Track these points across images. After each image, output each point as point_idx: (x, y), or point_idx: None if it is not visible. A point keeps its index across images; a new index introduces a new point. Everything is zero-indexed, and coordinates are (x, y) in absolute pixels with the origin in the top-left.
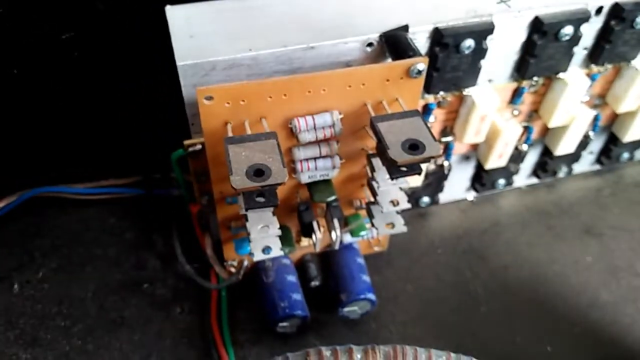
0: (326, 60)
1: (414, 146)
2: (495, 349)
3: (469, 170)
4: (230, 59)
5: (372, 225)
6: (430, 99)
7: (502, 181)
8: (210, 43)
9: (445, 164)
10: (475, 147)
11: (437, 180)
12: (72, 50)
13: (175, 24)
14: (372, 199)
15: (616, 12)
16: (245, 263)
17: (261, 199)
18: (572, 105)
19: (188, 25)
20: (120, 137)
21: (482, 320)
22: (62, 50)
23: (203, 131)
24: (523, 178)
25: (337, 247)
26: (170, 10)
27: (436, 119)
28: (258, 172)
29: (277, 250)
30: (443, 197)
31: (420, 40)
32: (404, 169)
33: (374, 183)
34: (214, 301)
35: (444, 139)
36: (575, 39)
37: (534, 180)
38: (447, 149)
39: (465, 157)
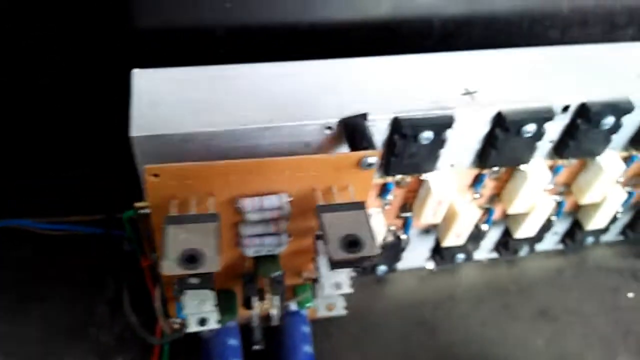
0: (285, 140)
1: (353, 243)
2: None
3: (429, 241)
4: (187, 134)
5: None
6: (389, 179)
7: (461, 256)
8: (169, 115)
9: (403, 237)
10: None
11: (394, 251)
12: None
13: (138, 90)
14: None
15: (582, 112)
16: None
17: (195, 281)
18: (532, 194)
19: (150, 92)
20: (86, 175)
21: None
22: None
23: (149, 203)
24: (485, 252)
25: (276, 322)
26: (137, 74)
27: (395, 197)
28: (190, 258)
29: (213, 323)
30: (402, 264)
31: (381, 126)
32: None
33: (317, 265)
34: (155, 355)
35: (403, 214)
36: (539, 135)
37: (496, 254)
38: (406, 224)
39: (426, 231)
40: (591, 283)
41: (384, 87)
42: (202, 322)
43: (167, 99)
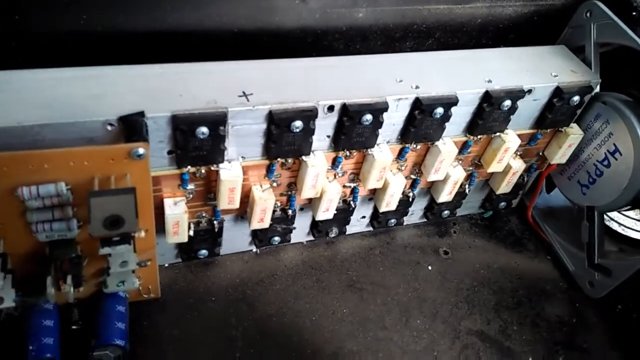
0: (68, 137)
1: (115, 222)
2: None
3: (246, 226)
4: None
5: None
6: (184, 170)
7: (276, 238)
8: None
9: (216, 223)
10: (242, 210)
11: (211, 236)
12: None
13: None
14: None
15: (345, 111)
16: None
17: None
18: (319, 181)
19: None
20: None
21: None
22: None
23: None
24: (304, 234)
25: (71, 300)
26: None
27: (198, 186)
28: None
29: (9, 302)
30: (225, 248)
31: (162, 124)
32: (116, 239)
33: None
34: None
35: (210, 202)
36: (309, 130)
37: (311, 237)
38: (215, 211)
39: (240, 217)
40: (397, 259)
41: (166, 89)
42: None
43: None
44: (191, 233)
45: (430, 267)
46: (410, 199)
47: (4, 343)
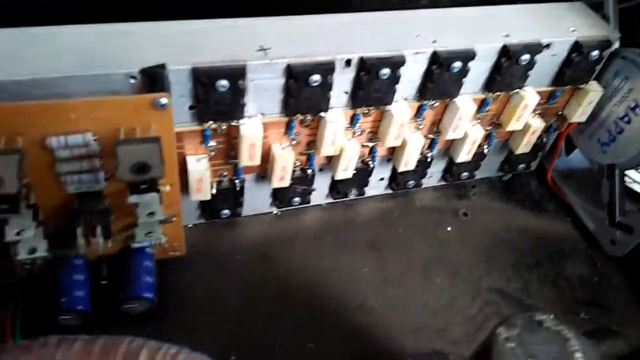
0: (92, 89)
1: (142, 168)
2: (262, 346)
3: (267, 187)
4: None
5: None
6: (205, 126)
7: (296, 199)
8: None
9: (236, 181)
10: (263, 169)
11: (233, 195)
12: None
13: None
14: None
15: (362, 65)
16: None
17: (4, 206)
18: (338, 138)
19: None
20: None
21: (256, 320)
22: None
23: None
24: (322, 197)
25: (101, 252)
26: None
27: (219, 143)
28: None
29: (42, 251)
30: (247, 209)
31: (182, 77)
32: (143, 186)
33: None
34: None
35: (231, 161)
36: (327, 85)
37: (331, 199)
38: (236, 170)
39: (261, 177)
40: (416, 220)
41: (187, 44)
42: (32, 250)
43: None
44: (213, 192)
45: (449, 229)
46: (429, 160)
47: (34, 297)
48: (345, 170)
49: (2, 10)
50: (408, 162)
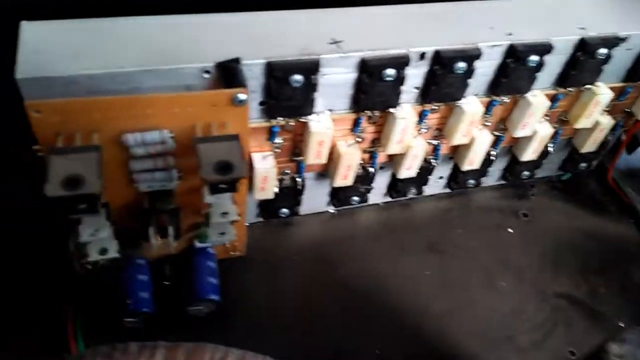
0: (166, 83)
1: (224, 167)
2: (328, 349)
3: (325, 186)
4: (68, 76)
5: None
6: (273, 122)
7: (355, 198)
8: (53, 60)
9: (299, 180)
10: (324, 167)
11: (292, 194)
12: None
13: (25, 39)
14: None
15: (437, 58)
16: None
17: (83, 206)
18: (406, 135)
19: (37, 41)
20: None
21: (320, 323)
22: None
23: (39, 141)
24: (380, 196)
25: (172, 251)
26: (25, 26)
27: (285, 140)
28: (72, 181)
29: (113, 252)
30: (304, 208)
31: (256, 72)
32: (223, 186)
33: (204, 197)
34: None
35: (295, 159)
36: (399, 79)
37: (389, 198)
38: (299, 168)
39: (321, 175)
40: (476, 221)
41: (259, 36)
42: (103, 251)
43: (51, 47)
44: (276, 190)
45: (510, 230)
46: (492, 158)
47: (95, 295)
48: (409, 169)
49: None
50: (473, 160)
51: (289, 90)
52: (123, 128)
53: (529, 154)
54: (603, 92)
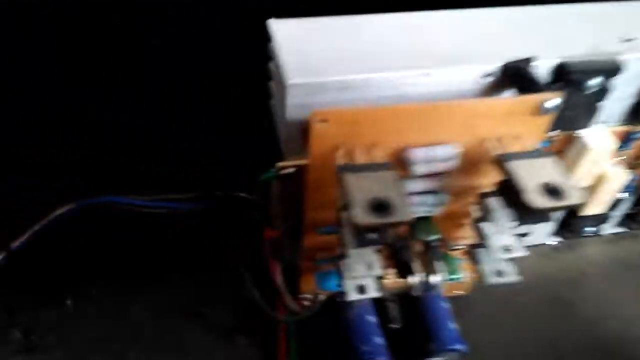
0: (436, 89)
1: (552, 191)
2: None
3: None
4: (342, 80)
5: (476, 271)
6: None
7: (591, 229)
8: (320, 62)
9: None
10: None
11: None
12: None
13: (281, 39)
14: (476, 242)
15: None
16: (321, 297)
17: (373, 236)
18: None
19: (294, 41)
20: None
21: None
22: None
23: (311, 154)
24: (609, 226)
25: (418, 292)
26: (275, 25)
27: None
28: (380, 206)
29: (373, 291)
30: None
31: (542, 74)
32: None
33: (485, 225)
34: (282, 334)
35: None
36: None
37: (619, 229)
38: None
39: None
40: None
41: (542, 34)
42: (361, 289)
43: (313, 47)
44: None
45: None
46: None
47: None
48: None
49: None
50: None
51: (579, 98)
52: (405, 141)
53: None
54: None
